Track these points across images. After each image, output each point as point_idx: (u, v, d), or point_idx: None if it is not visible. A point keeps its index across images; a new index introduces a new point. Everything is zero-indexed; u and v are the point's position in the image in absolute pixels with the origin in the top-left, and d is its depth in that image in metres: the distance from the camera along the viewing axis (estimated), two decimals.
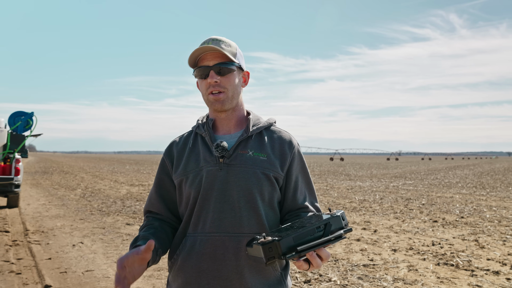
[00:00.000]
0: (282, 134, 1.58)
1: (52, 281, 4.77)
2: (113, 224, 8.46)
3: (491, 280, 4.85)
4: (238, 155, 1.49)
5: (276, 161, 1.51)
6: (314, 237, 1.23)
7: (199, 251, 1.45)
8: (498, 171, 34.22)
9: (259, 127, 1.55)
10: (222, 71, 1.48)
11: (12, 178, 10.06)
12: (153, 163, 52.78)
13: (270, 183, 1.48)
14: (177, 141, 1.64)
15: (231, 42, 1.54)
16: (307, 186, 1.58)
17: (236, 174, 1.47)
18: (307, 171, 1.59)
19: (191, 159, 1.54)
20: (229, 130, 1.57)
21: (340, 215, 1.27)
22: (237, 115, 1.58)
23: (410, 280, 4.83)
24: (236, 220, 1.45)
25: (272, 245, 1.20)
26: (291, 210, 1.54)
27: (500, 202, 12.55)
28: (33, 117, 11.26)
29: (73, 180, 20.79)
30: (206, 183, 1.47)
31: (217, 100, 1.49)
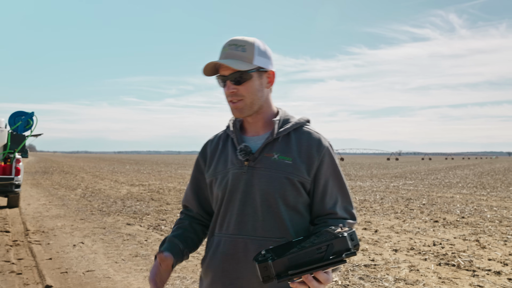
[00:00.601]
0: (311, 136, 1.51)
1: (52, 281, 4.76)
2: (113, 224, 8.45)
3: (492, 280, 4.84)
4: (263, 158, 1.47)
5: (302, 165, 1.46)
6: (312, 259, 1.16)
7: (223, 252, 1.47)
8: (499, 171, 34.22)
9: (286, 129, 1.50)
10: (238, 80, 1.45)
11: (12, 178, 10.05)
12: (153, 163, 52.80)
13: (294, 188, 1.44)
14: (212, 140, 1.65)
15: (249, 43, 1.47)
16: (340, 190, 1.51)
17: (260, 178, 1.45)
18: (339, 174, 1.52)
19: (221, 161, 1.56)
20: (257, 131, 1.54)
21: (347, 236, 1.18)
22: (264, 116, 1.53)
23: (411, 280, 4.82)
24: (258, 224, 1.44)
25: (267, 264, 1.17)
26: (319, 215, 1.50)
27: (500, 202, 12.54)
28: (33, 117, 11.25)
29: (74, 180, 20.79)
30: (231, 185, 1.48)
31: (236, 109, 1.48)
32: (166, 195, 13.89)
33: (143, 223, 8.57)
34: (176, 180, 20.80)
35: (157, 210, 10.39)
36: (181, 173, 28.11)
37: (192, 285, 4.67)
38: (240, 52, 1.45)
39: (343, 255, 1.17)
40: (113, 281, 4.80)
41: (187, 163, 53.83)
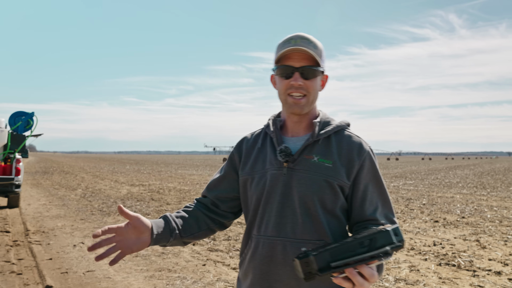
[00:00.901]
0: (352, 139, 1.48)
1: (53, 281, 4.76)
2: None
3: (493, 281, 4.84)
4: (303, 160, 1.45)
5: (342, 169, 1.43)
6: (355, 253, 1.14)
7: (261, 254, 1.45)
8: (499, 171, 34.22)
9: (327, 131, 1.47)
10: (307, 74, 1.43)
11: (12, 178, 10.05)
12: (153, 163, 52.79)
13: (333, 192, 1.42)
14: (248, 138, 1.63)
15: (318, 42, 1.47)
16: (381, 196, 1.47)
17: (299, 180, 1.43)
18: (380, 180, 1.48)
19: (259, 160, 1.53)
20: (298, 132, 1.52)
21: (391, 230, 1.16)
22: (309, 118, 1.52)
23: (412, 280, 4.82)
24: (297, 226, 1.42)
25: (308, 260, 1.14)
26: (358, 221, 1.46)
27: (501, 202, 12.54)
28: (33, 117, 11.26)
29: (74, 180, 20.79)
30: (270, 186, 1.46)
31: (297, 104, 1.45)
32: (166, 195, 13.89)
33: None
34: (176, 180, 20.79)
35: (157, 210, 10.38)
36: (181, 173, 28.11)
37: (192, 285, 4.67)
38: (313, 48, 1.43)
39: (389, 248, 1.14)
40: (113, 281, 4.80)
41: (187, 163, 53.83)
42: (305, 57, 1.43)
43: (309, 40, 1.45)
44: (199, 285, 4.67)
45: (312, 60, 1.43)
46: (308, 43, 1.44)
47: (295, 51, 1.42)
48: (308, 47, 1.42)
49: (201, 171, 30.42)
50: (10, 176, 10.08)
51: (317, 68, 1.44)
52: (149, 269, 5.29)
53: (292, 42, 1.43)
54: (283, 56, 1.45)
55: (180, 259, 5.74)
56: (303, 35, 1.46)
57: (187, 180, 20.87)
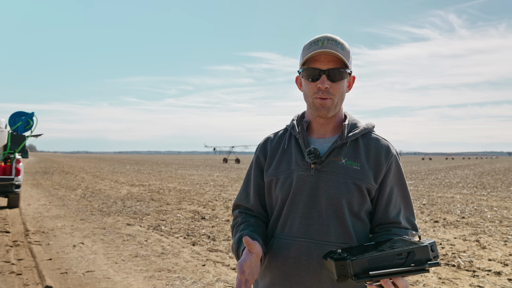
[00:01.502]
0: (380, 142, 1.48)
1: (52, 281, 4.76)
2: (113, 224, 8.45)
3: (492, 281, 4.84)
4: (330, 162, 1.44)
5: (370, 172, 1.43)
6: (392, 264, 1.15)
7: (284, 255, 1.43)
8: (499, 171, 34.21)
9: (355, 134, 1.47)
10: (334, 77, 1.41)
11: (12, 179, 10.06)
12: (153, 163, 52.80)
13: (361, 194, 1.42)
14: (272, 138, 1.61)
15: (345, 44, 1.45)
16: (404, 199, 1.48)
17: (327, 182, 1.42)
18: (404, 183, 1.49)
19: (283, 161, 1.51)
20: (325, 134, 1.50)
21: (429, 245, 1.17)
22: (335, 120, 1.51)
23: (411, 280, 4.81)
24: (323, 228, 1.41)
25: (345, 263, 1.15)
26: (381, 223, 1.47)
27: (501, 202, 12.53)
28: (33, 117, 11.27)
29: (74, 180, 20.79)
30: (296, 188, 1.44)
31: (323, 106, 1.43)
32: (166, 195, 13.89)
33: (143, 223, 8.57)
34: (176, 180, 20.79)
35: (157, 210, 10.39)
36: (181, 173, 28.11)
37: (192, 286, 4.67)
38: (340, 50, 1.42)
39: (426, 264, 1.15)
40: (113, 282, 4.80)
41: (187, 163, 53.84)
42: (332, 59, 1.41)
43: (337, 41, 1.43)
44: (199, 286, 4.67)
45: (339, 62, 1.42)
46: (336, 44, 1.41)
47: (323, 53, 1.40)
48: (336, 49, 1.40)
49: (201, 171, 30.42)
50: (10, 176, 10.08)
51: (345, 70, 1.43)
52: (148, 269, 5.29)
53: (319, 44, 1.41)
54: (310, 58, 1.43)
55: (179, 260, 5.74)
56: (331, 36, 1.44)
57: (187, 180, 20.86)
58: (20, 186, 10.39)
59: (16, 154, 10.66)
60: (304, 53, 1.45)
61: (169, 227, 8.15)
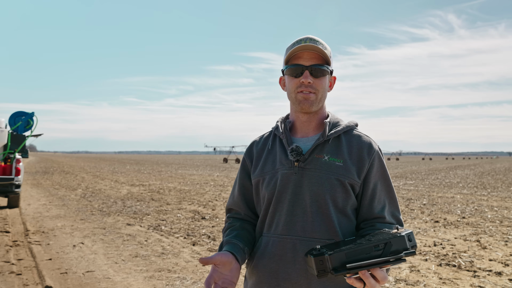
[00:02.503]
0: (362, 139, 1.51)
1: (52, 282, 4.75)
2: (113, 224, 8.44)
3: (493, 281, 4.83)
4: (313, 159, 1.47)
5: (353, 168, 1.46)
6: (370, 255, 1.17)
7: (271, 252, 1.46)
8: (499, 171, 34.19)
9: (337, 131, 1.50)
10: (316, 73, 1.46)
11: (12, 178, 10.05)
12: (154, 163, 52.80)
13: (345, 190, 1.44)
14: (257, 141, 1.65)
15: (326, 45, 1.52)
16: (388, 194, 1.50)
17: (310, 179, 1.45)
18: (388, 178, 1.52)
19: (269, 161, 1.55)
20: (308, 133, 1.54)
21: (406, 235, 1.19)
22: (318, 118, 1.54)
23: (412, 281, 4.81)
24: (308, 225, 1.44)
25: (323, 258, 1.17)
26: (366, 219, 1.49)
27: (501, 202, 12.52)
28: (33, 117, 11.26)
29: (74, 180, 20.79)
30: (281, 186, 1.48)
31: (306, 99, 1.47)
32: (166, 195, 13.88)
33: (143, 223, 8.56)
34: (176, 180, 20.79)
35: (157, 210, 10.38)
36: (181, 173, 28.11)
37: (192, 286, 4.66)
38: (322, 49, 1.47)
39: (403, 253, 1.18)
40: (112, 282, 4.79)
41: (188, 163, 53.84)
42: (314, 56, 1.47)
43: (319, 41, 1.49)
44: (199, 286, 4.66)
45: (321, 59, 1.47)
46: (318, 43, 1.47)
47: (305, 50, 1.47)
48: (318, 47, 1.46)
49: (202, 171, 30.42)
50: (10, 176, 10.08)
51: (327, 67, 1.48)
52: (148, 269, 5.28)
53: (302, 43, 1.47)
54: (292, 56, 1.49)
55: (179, 260, 5.73)
56: (312, 36, 1.49)
57: (187, 180, 20.86)
58: (20, 186, 10.39)
59: (16, 154, 10.65)
60: (287, 52, 1.50)
61: (169, 227, 8.14)
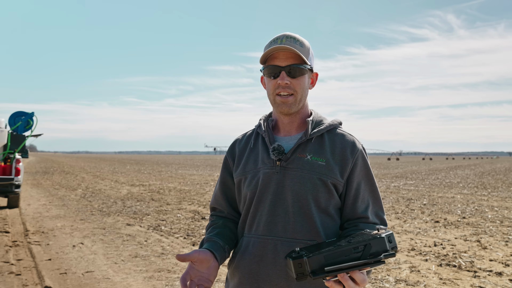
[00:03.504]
0: (346, 138, 1.49)
1: (52, 282, 4.74)
2: (113, 224, 8.43)
3: (494, 281, 4.81)
4: (295, 159, 1.45)
5: (336, 167, 1.43)
6: (349, 258, 1.15)
7: (252, 253, 1.44)
8: (499, 171, 34.17)
9: (320, 130, 1.48)
10: (294, 73, 1.43)
11: (12, 178, 10.04)
12: (154, 163, 52.79)
13: (327, 190, 1.42)
14: (240, 139, 1.63)
15: (305, 41, 1.48)
16: (372, 194, 1.48)
17: (292, 178, 1.43)
18: (372, 178, 1.49)
19: (250, 160, 1.53)
20: (290, 131, 1.52)
21: (386, 237, 1.17)
22: (301, 117, 1.52)
23: (412, 281, 4.80)
24: (289, 225, 1.41)
25: (302, 261, 1.15)
26: (350, 218, 1.46)
27: (501, 202, 12.51)
28: (33, 117, 11.25)
29: (74, 180, 20.78)
30: (262, 185, 1.46)
31: (285, 103, 1.44)
32: (166, 195, 13.87)
33: (143, 223, 8.55)
34: (176, 180, 20.78)
35: (157, 210, 10.37)
36: (181, 173, 28.10)
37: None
38: (299, 47, 1.44)
39: (382, 255, 1.16)
40: (112, 282, 4.78)
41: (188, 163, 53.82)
42: (291, 55, 1.43)
43: (295, 38, 1.44)
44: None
45: (298, 58, 1.43)
46: (294, 41, 1.43)
47: (281, 50, 1.42)
48: (294, 45, 1.42)
49: (202, 171, 30.40)
50: (10, 176, 10.07)
51: (304, 66, 1.44)
52: (148, 269, 5.27)
53: (278, 42, 1.43)
54: (269, 56, 1.45)
55: None
56: (289, 34, 1.45)
57: (188, 180, 20.84)
58: (20, 186, 10.38)
59: (16, 154, 10.64)
60: (264, 51, 1.47)
61: (169, 227, 8.13)
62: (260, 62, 1.48)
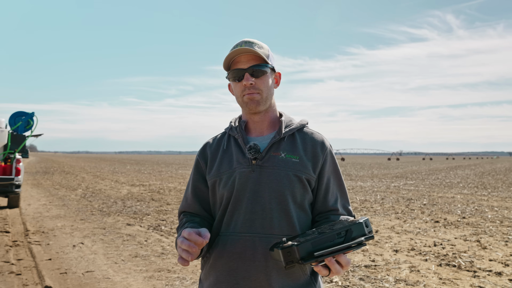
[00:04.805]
0: (315, 136, 1.58)
1: (52, 282, 4.75)
2: (113, 224, 8.44)
3: (493, 281, 4.82)
4: (270, 157, 1.50)
5: (308, 163, 1.51)
6: (333, 243, 1.24)
7: (230, 251, 1.47)
8: (499, 171, 34.16)
9: (291, 129, 1.55)
10: (256, 73, 1.50)
11: (12, 178, 10.05)
12: (154, 163, 52.80)
13: (302, 185, 1.49)
14: (210, 142, 1.66)
15: (263, 44, 1.56)
16: (339, 188, 1.58)
17: (268, 176, 1.48)
18: (339, 173, 1.59)
19: (224, 161, 1.56)
20: (262, 131, 1.58)
21: (363, 222, 1.28)
22: (270, 116, 1.58)
23: (412, 281, 4.80)
24: (267, 222, 1.46)
25: (291, 249, 1.22)
26: (321, 212, 1.54)
27: (501, 202, 12.51)
28: (33, 117, 11.26)
29: (74, 180, 20.79)
30: (239, 185, 1.49)
31: (252, 100, 1.50)
32: (166, 195, 13.88)
33: (143, 223, 8.56)
34: (176, 180, 20.78)
35: (158, 210, 10.37)
36: (181, 173, 28.11)
37: (192, 286, 4.65)
38: (258, 49, 1.51)
39: (363, 238, 1.26)
40: (112, 282, 4.79)
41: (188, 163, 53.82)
42: (252, 57, 1.51)
43: (254, 42, 1.53)
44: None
45: (259, 59, 1.51)
46: (253, 45, 1.52)
47: (241, 53, 1.50)
48: (253, 47, 1.50)
49: None
50: (10, 176, 10.08)
51: (265, 66, 1.51)
52: (148, 269, 5.28)
53: (237, 47, 1.51)
54: (232, 62, 1.54)
55: None
56: (247, 39, 1.54)
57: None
58: (20, 186, 10.38)
59: (16, 154, 10.65)
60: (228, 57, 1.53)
61: (169, 227, 8.14)
62: (224, 69, 1.55)
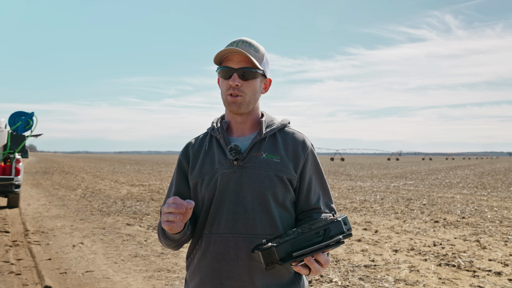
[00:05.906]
0: (296, 136, 1.58)
1: (52, 281, 4.75)
2: (113, 224, 8.44)
3: (493, 281, 4.83)
4: (252, 158, 1.51)
5: (290, 163, 1.52)
6: (312, 242, 1.25)
7: (213, 251, 1.48)
8: (499, 171, 34.18)
9: (272, 129, 1.56)
10: (245, 76, 1.50)
11: (12, 178, 10.05)
12: (154, 163, 52.78)
13: (284, 185, 1.50)
14: (193, 142, 1.65)
15: (260, 47, 1.56)
16: (321, 186, 1.59)
17: (250, 177, 1.49)
18: (321, 171, 1.60)
19: (206, 162, 1.56)
20: (243, 132, 1.58)
21: (341, 220, 1.28)
22: (252, 118, 1.59)
23: (411, 281, 4.81)
24: (249, 222, 1.47)
25: (270, 251, 1.23)
26: (304, 210, 1.55)
27: (501, 202, 12.52)
28: (33, 117, 11.26)
29: (74, 180, 20.78)
30: (221, 186, 1.49)
31: (234, 102, 1.51)
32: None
33: (143, 223, 8.56)
34: None
35: (157, 210, 10.37)
36: None
37: None
38: (253, 52, 1.51)
39: (341, 236, 1.27)
40: (112, 282, 4.79)
41: None
42: (244, 59, 1.50)
43: (251, 44, 1.52)
44: None
45: (251, 63, 1.50)
46: (249, 46, 1.51)
47: (235, 53, 1.49)
48: (248, 50, 1.50)
49: None
50: (9, 176, 10.08)
51: (256, 71, 1.51)
52: (148, 269, 5.28)
53: (234, 45, 1.51)
54: (224, 58, 1.52)
55: (179, 260, 5.73)
56: (246, 39, 1.53)
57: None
58: (20, 186, 10.38)
59: (16, 154, 10.65)
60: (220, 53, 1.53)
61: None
62: (215, 62, 1.54)
